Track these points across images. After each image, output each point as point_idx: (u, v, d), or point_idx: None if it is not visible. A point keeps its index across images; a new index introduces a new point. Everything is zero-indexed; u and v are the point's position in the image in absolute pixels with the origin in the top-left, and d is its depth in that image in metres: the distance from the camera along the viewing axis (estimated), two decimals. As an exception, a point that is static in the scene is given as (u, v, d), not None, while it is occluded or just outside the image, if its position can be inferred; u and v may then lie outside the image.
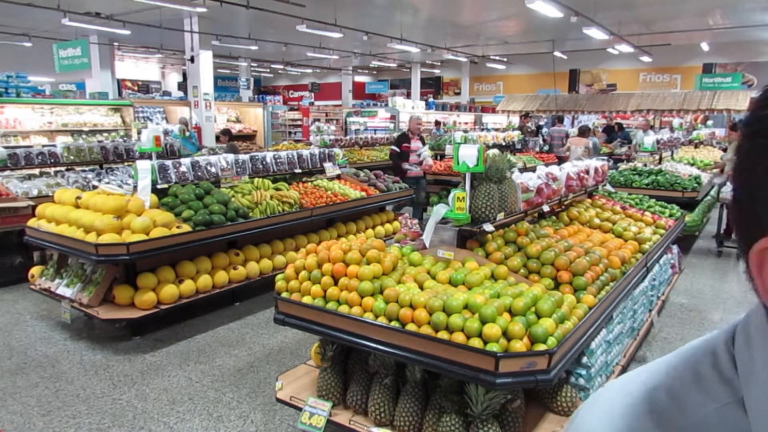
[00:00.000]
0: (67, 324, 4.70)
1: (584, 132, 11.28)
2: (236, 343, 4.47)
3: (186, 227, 4.64)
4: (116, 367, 4.02)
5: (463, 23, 15.52)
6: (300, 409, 2.86)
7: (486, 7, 13.63)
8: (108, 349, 4.33)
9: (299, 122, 19.38)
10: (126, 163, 7.29)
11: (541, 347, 2.34)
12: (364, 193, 6.47)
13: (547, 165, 5.12)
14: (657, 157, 9.00)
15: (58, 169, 6.85)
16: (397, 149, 8.27)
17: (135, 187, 4.79)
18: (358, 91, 27.23)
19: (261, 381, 3.82)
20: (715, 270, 6.68)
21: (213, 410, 3.45)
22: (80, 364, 4.07)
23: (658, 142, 8.76)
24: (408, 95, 24.32)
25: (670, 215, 5.17)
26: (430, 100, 22.67)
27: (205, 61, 13.61)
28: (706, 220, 8.47)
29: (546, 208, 3.90)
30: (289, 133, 18.96)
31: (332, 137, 11.98)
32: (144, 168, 4.77)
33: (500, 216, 3.22)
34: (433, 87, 28.14)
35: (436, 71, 27.31)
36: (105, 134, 11.45)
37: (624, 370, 3.70)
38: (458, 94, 26.98)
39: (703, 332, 4.51)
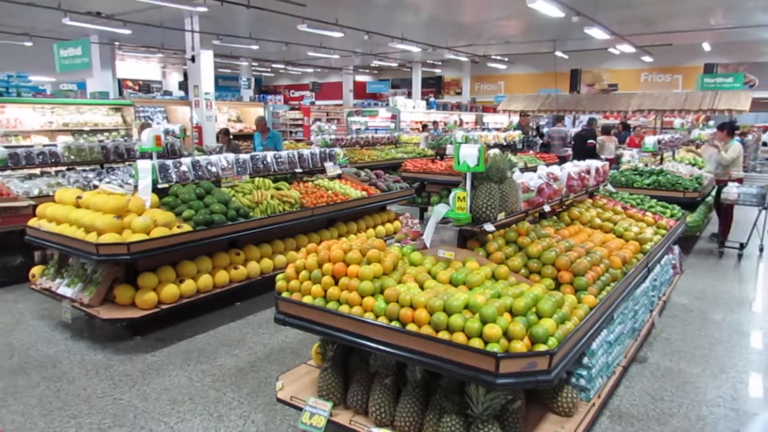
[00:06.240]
0: (68, 324, 4.70)
1: (608, 130, 11.98)
2: (237, 342, 4.46)
3: (187, 227, 4.64)
4: (117, 367, 4.02)
5: (465, 23, 15.50)
6: (300, 409, 2.86)
7: (487, 6, 13.62)
8: (109, 348, 4.33)
9: (300, 122, 19.38)
10: (127, 163, 7.29)
11: (542, 348, 2.33)
12: (364, 193, 6.47)
13: (548, 165, 5.11)
14: (658, 157, 8.98)
15: (58, 168, 6.85)
16: None
17: (136, 187, 4.79)
18: (359, 90, 27.23)
19: (262, 381, 3.81)
20: (717, 270, 6.67)
21: (214, 410, 3.45)
22: (81, 364, 4.06)
23: (659, 142, 8.75)
24: (409, 95, 24.30)
25: (671, 215, 5.16)
26: (431, 99, 22.65)
27: (206, 60, 13.61)
28: (707, 220, 8.46)
29: (547, 208, 3.89)
30: (290, 132, 18.96)
31: (333, 137, 11.97)
32: (145, 168, 4.77)
33: (501, 216, 3.22)
34: (434, 86, 28.13)
35: (437, 71, 27.30)
36: (106, 134, 11.45)
37: (625, 370, 3.70)
38: (459, 93, 26.97)
39: (705, 333, 4.50)
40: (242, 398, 3.59)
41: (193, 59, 13.37)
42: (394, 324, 2.54)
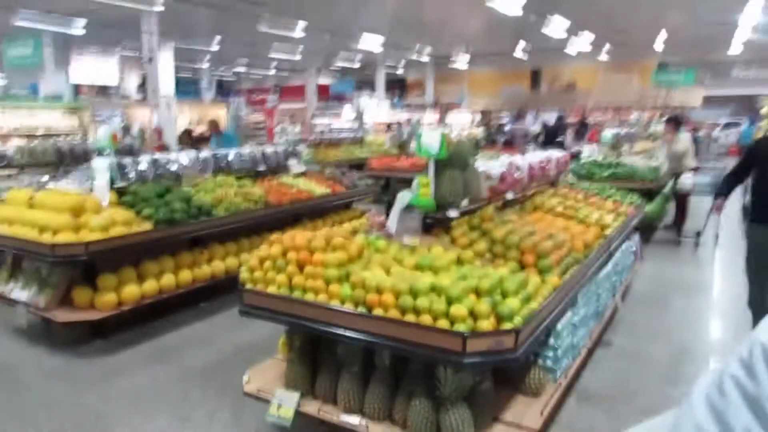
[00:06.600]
0: (24, 329, 4.50)
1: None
2: (202, 342, 4.37)
3: (147, 225, 4.52)
4: (76, 371, 3.88)
5: (426, 21, 15.62)
6: (268, 402, 2.81)
7: (447, 4, 13.77)
8: (67, 353, 4.17)
9: (263, 124, 19.14)
10: (83, 165, 7.06)
11: (508, 325, 2.35)
12: (329, 190, 6.43)
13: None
14: (617, 151, 9.22)
15: (10, 171, 6.59)
16: None
17: (92, 187, 4.64)
18: (323, 93, 27.07)
19: (228, 378, 3.72)
20: (675, 258, 6.89)
21: (179, 409, 3.36)
22: (39, 370, 3.91)
23: (617, 135, 9.00)
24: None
25: (630, 203, 5.30)
26: (396, 98, 22.71)
27: (165, 62, 13.32)
28: (665, 211, 8.71)
29: (510, 195, 3.93)
30: (253, 136, 18.70)
31: (297, 138, 11.89)
32: (101, 166, 4.63)
33: (465, 202, 3.24)
34: (397, 88, 28.19)
35: (400, 72, 27.37)
36: (61, 137, 11.07)
37: (591, 353, 3.77)
38: (422, 95, 27.10)
39: (667, 317, 4.61)
40: (208, 396, 3.51)
41: (150, 60, 13.05)
42: (361, 309, 2.52)
